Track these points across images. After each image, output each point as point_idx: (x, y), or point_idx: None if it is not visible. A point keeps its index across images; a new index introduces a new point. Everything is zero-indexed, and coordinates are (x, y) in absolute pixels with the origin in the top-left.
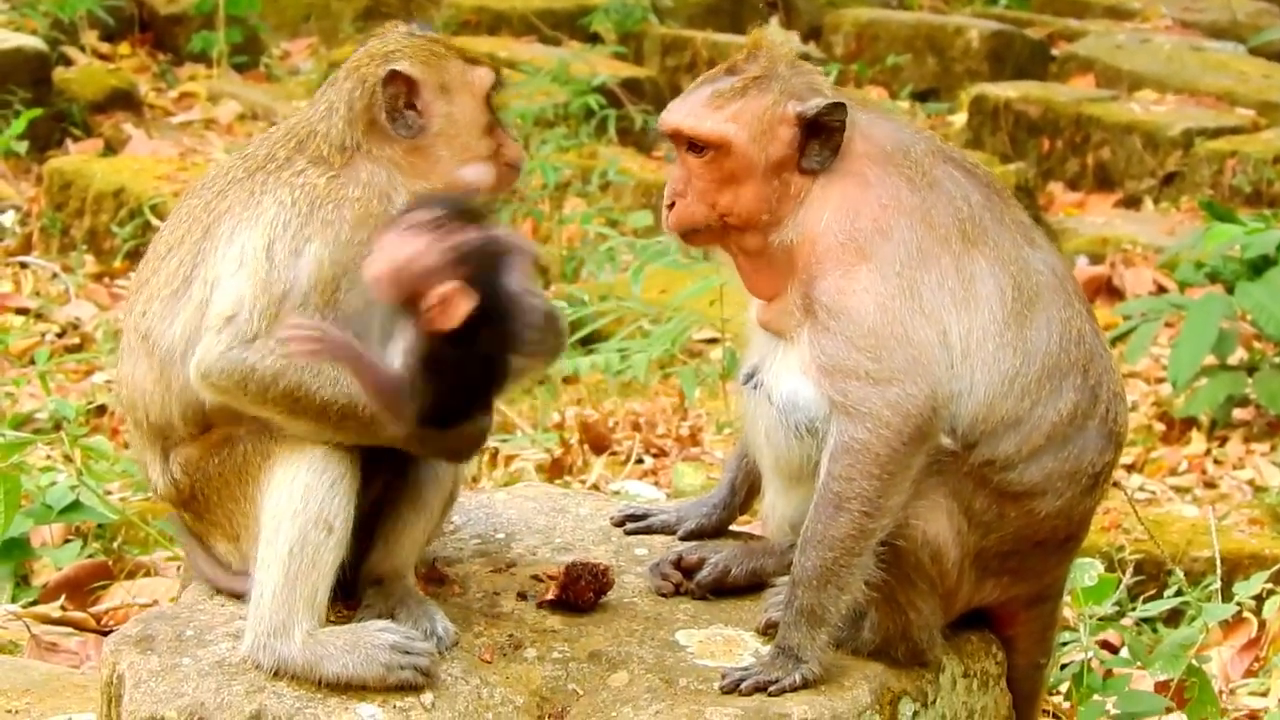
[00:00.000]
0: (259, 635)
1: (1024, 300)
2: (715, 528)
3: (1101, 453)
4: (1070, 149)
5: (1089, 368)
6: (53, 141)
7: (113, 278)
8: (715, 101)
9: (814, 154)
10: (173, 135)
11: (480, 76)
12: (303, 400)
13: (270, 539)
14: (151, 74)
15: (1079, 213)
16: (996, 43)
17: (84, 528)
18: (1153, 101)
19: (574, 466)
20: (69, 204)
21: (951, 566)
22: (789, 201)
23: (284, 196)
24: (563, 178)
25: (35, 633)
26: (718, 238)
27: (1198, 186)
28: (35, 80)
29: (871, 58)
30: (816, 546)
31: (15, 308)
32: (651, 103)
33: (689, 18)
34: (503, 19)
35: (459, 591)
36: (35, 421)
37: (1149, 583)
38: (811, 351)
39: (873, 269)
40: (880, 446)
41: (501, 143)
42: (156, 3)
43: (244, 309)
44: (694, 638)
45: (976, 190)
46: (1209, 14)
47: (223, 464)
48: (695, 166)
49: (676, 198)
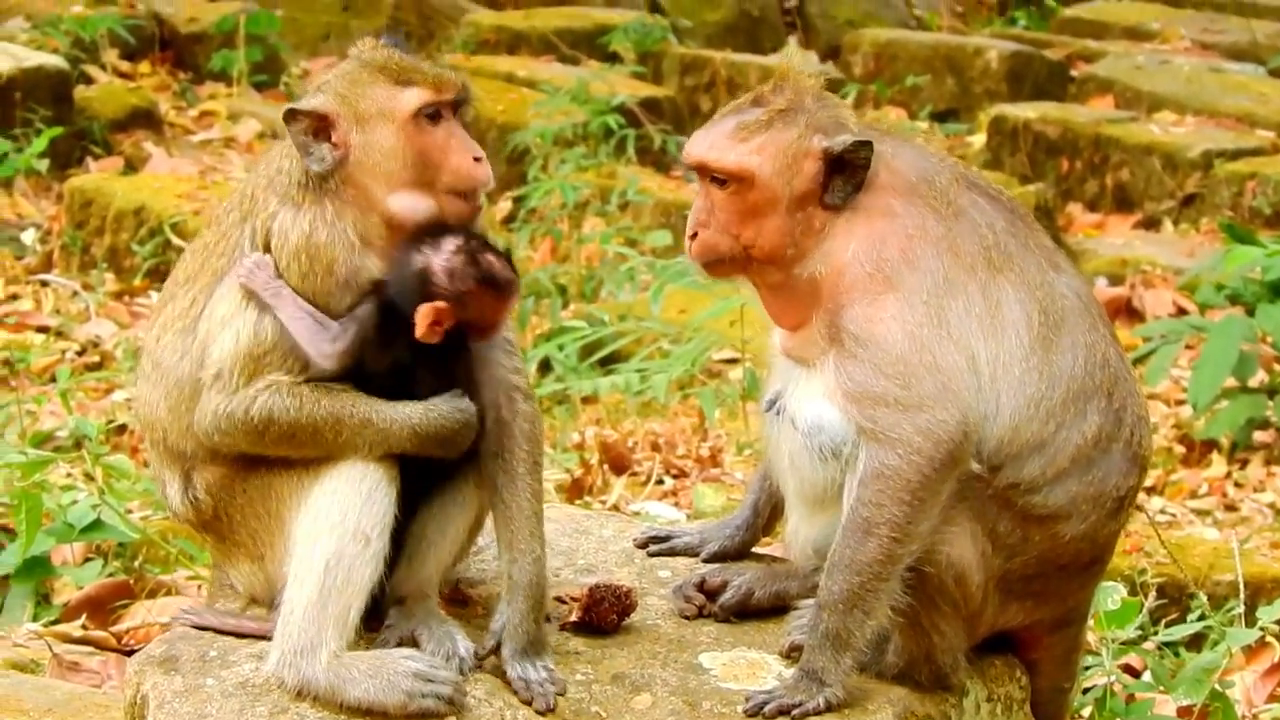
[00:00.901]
0: (285, 653)
1: (1050, 325)
2: (738, 549)
3: (1126, 476)
4: (1089, 170)
5: (1113, 391)
6: (73, 160)
7: (133, 296)
8: (740, 134)
9: (837, 190)
10: (193, 154)
11: (404, 99)
12: (298, 433)
13: (305, 554)
14: (172, 92)
15: (1098, 234)
16: (1015, 63)
17: (105, 546)
18: (1172, 123)
19: (594, 487)
20: (90, 222)
21: (976, 590)
22: (812, 235)
23: (261, 244)
24: (582, 197)
25: (57, 652)
26: (740, 268)
27: (1217, 208)
28: (56, 99)
29: (890, 78)
30: (843, 571)
31: (36, 325)
32: (670, 122)
33: (707, 37)
34: (522, 38)
35: (482, 613)
36: (56, 440)
37: (1171, 606)
38: (838, 379)
39: (900, 298)
40: (912, 472)
41: (441, 165)
42: (177, 21)
43: (227, 367)
44: (718, 660)
45: (1001, 216)
46: (1229, 35)
47: (248, 482)
48: (719, 198)
49: (699, 228)
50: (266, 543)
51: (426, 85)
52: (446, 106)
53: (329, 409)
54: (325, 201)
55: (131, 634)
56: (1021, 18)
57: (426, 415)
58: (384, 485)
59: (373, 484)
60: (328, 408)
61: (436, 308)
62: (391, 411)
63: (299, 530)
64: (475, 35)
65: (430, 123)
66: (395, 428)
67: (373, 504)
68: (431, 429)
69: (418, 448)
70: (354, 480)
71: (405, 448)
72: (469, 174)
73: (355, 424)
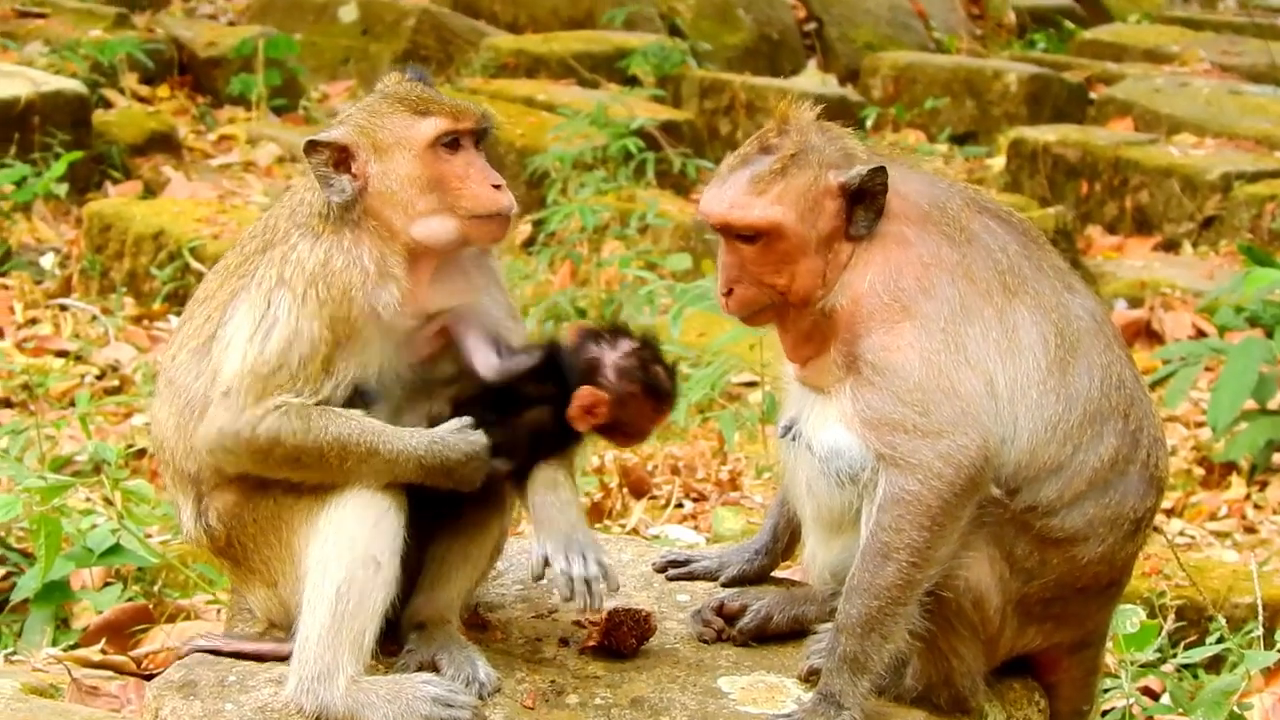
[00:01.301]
0: (303, 679)
1: (1066, 347)
2: (757, 573)
3: (1143, 498)
4: (1109, 192)
5: (1130, 412)
6: (92, 184)
7: (152, 320)
8: (757, 186)
9: (860, 220)
10: (212, 178)
11: (422, 128)
12: (303, 456)
13: (317, 581)
14: (191, 116)
15: (1117, 256)
16: (1035, 86)
17: (124, 571)
18: (1191, 145)
19: (614, 510)
20: (108, 246)
21: (994, 613)
22: (838, 269)
23: (280, 273)
24: (601, 220)
25: (76, 676)
26: (778, 314)
27: (1236, 230)
28: (75, 123)
29: (910, 101)
30: (862, 595)
31: (55, 350)
32: (690, 145)
33: (727, 60)
34: (541, 62)
35: (501, 637)
36: (75, 464)
37: (1190, 629)
38: (855, 406)
39: (917, 325)
40: (932, 498)
41: (460, 192)
42: (196, 46)
43: (236, 386)
44: (736, 684)
45: (1014, 239)
46: (1247, 58)
47: (258, 510)
48: (748, 254)
49: (733, 285)
50: (279, 570)
51: (444, 114)
52: (465, 135)
53: (336, 434)
54: (345, 231)
55: (151, 658)
56: (1041, 40)
57: (431, 447)
58: (392, 510)
59: (380, 510)
60: (334, 433)
61: (597, 396)
62: (397, 441)
63: (310, 558)
64: (495, 59)
65: (448, 151)
66: (401, 458)
67: (381, 529)
68: (436, 461)
69: (423, 478)
70: (361, 507)
71: (411, 478)
72: (489, 199)
73: (361, 451)
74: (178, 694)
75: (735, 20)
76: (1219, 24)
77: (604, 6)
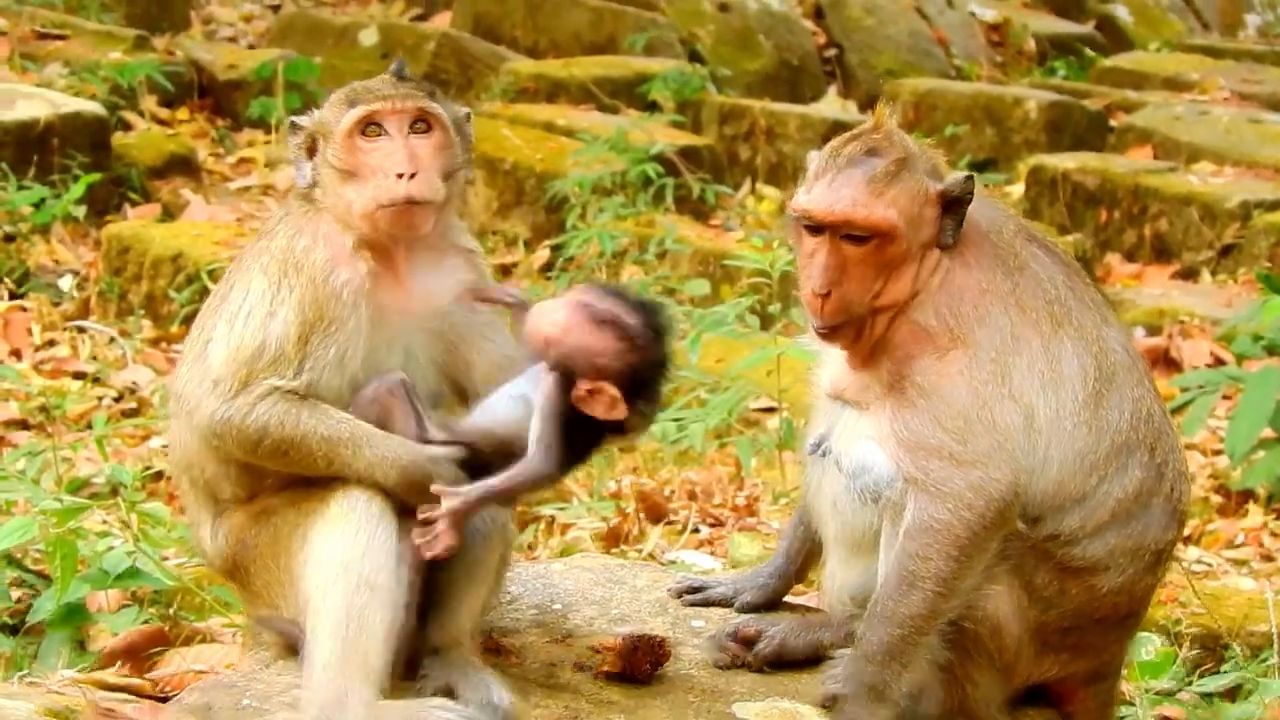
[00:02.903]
0: (317, 706)
1: (1103, 379)
2: (770, 598)
3: (1165, 530)
4: (1128, 220)
5: (1156, 446)
6: (111, 206)
7: (170, 343)
8: (874, 187)
9: (949, 230)
10: (230, 201)
11: (346, 116)
12: (291, 450)
13: (317, 609)
14: (210, 139)
15: (1136, 284)
16: (1054, 113)
17: (141, 593)
18: (1211, 173)
19: (630, 535)
20: (127, 269)
21: (1011, 642)
22: (925, 279)
23: (264, 261)
24: (620, 246)
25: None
26: (858, 326)
27: (1255, 258)
28: (94, 145)
29: (929, 128)
30: (885, 623)
31: (73, 372)
32: (709, 171)
33: (747, 86)
34: (561, 87)
35: (516, 662)
36: (92, 486)
37: (1207, 656)
38: (893, 426)
39: (969, 353)
40: (961, 528)
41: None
42: (216, 68)
43: (224, 373)
44: (752, 710)
45: (1059, 270)
46: (1267, 86)
47: (259, 536)
48: (854, 256)
49: (833, 286)
50: (280, 594)
51: (365, 102)
52: (391, 123)
53: (324, 432)
54: (312, 215)
55: (167, 681)
56: (1061, 68)
57: (415, 458)
58: (381, 530)
59: (369, 533)
60: (323, 431)
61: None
62: (384, 447)
63: (308, 586)
64: (514, 83)
65: (366, 139)
66: (385, 463)
67: (372, 551)
68: (418, 473)
69: (400, 488)
70: (350, 532)
71: (389, 485)
72: (388, 188)
73: (347, 453)
74: (193, 718)
75: (755, 46)
76: (1239, 52)
77: (624, 32)
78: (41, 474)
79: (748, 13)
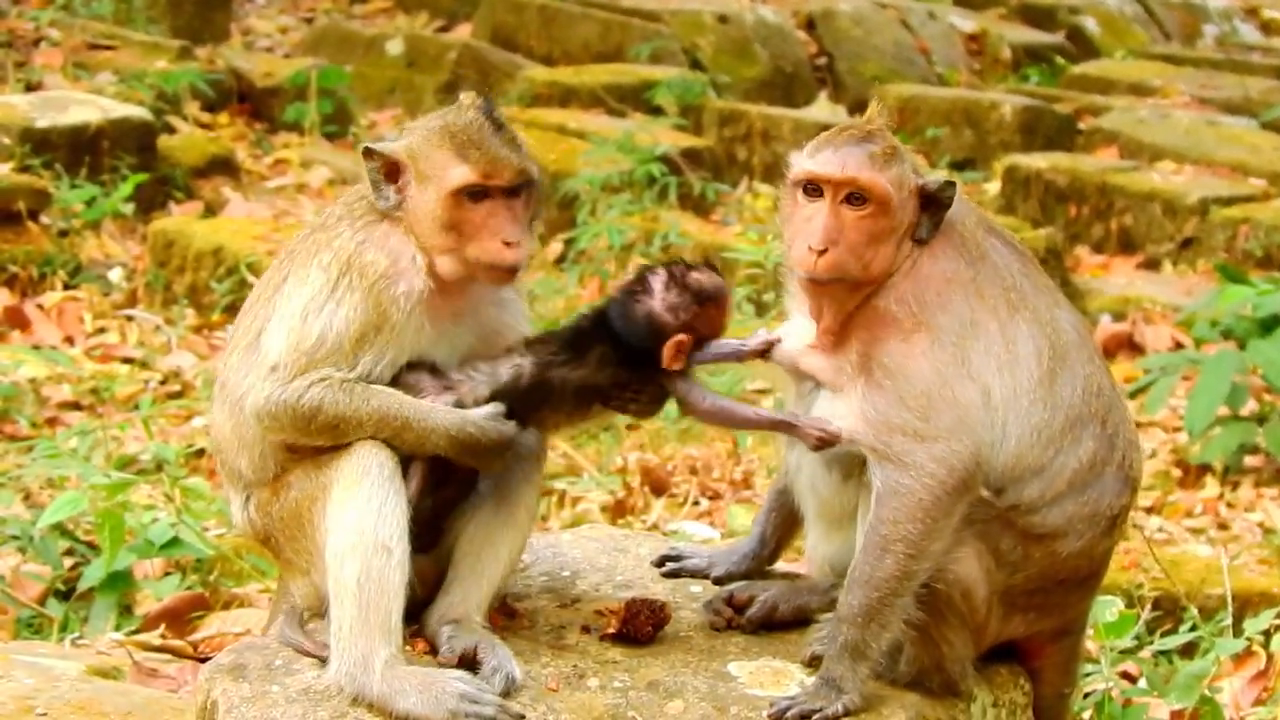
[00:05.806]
0: (342, 664)
1: (1056, 358)
2: (744, 576)
3: (1119, 496)
4: (1095, 215)
5: (1107, 418)
6: (157, 204)
7: (211, 330)
8: (876, 161)
9: (924, 226)
10: (267, 198)
11: (452, 175)
12: (342, 424)
13: (337, 574)
14: (249, 142)
15: (1103, 274)
16: (1028, 117)
17: (183, 562)
18: (1172, 172)
19: (635, 508)
20: (171, 262)
21: (981, 603)
22: (898, 264)
23: (324, 259)
24: (627, 240)
25: (137, 659)
26: (848, 290)
27: (1213, 250)
28: (141, 147)
29: (913, 130)
30: (862, 586)
31: (122, 357)
32: (709, 170)
33: (744, 92)
34: (573, 93)
35: (528, 625)
36: (139, 463)
37: (1166, 618)
38: (862, 406)
39: (932, 337)
40: (926, 495)
41: (471, 241)
42: (254, 76)
43: (282, 360)
44: (744, 669)
45: (1015, 259)
46: (1224, 91)
47: (283, 508)
48: (850, 219)
49: (830, 245)
50: (308, 560)
51: (477, 166)
52: (496, 190)
53: (375, 407)
54: (383, 225)
55: (206, 643)
56: (1034, 74)
57: (463, 425)
58: (391, 497)
59: (381, 499)
60: (375, 405)
61: (678, 342)
62: (432, 417)
63: (328, 553)
64: (530, 90)
65: (472, 201)
66: (435, 433)
67: (385, 516)
68: (465, 438)
69: (453, 454)
70: (363, 499)
71: (440, 450)
72: (495, 254)
73: (397, 425)
74: (228, 676)
75: (752, 55)
76: (1198, 60)
77: (631, 42)
78: (92, 451)
79: (745, 24)
